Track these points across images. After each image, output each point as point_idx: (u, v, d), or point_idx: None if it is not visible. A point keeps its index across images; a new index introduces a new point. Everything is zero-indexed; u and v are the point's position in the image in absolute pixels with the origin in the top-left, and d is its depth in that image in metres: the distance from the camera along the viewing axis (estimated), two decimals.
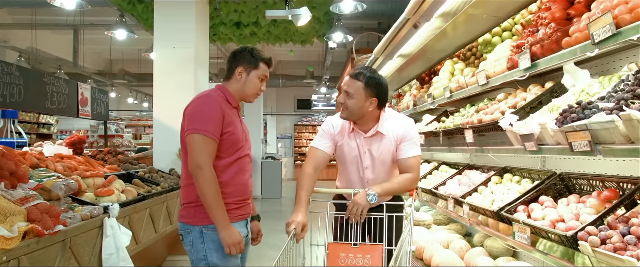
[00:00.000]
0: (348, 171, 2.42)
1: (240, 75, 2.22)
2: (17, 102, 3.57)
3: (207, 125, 2.05)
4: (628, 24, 1.50)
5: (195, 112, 2.10)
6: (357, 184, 2.39)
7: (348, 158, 2.38)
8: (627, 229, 1.55)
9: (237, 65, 2.22)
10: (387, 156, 2.33)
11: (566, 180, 2.32)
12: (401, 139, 2.31)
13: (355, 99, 2.24)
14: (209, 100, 2.13)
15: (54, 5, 4.74)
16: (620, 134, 1.50)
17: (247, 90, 2.24)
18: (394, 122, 2.33)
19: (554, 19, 2.03)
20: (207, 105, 2.11)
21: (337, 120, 2.41)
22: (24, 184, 2.26)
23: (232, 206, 2.15)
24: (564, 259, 2.02)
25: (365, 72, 2.28)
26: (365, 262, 2.13)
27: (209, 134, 2.05)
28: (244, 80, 2.23)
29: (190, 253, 2.14)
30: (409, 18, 3.05)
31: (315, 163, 2.33)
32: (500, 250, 3.06)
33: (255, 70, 2.23)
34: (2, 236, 1.76)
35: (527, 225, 2.03)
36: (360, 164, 2.36)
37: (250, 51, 2.24)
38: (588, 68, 2.32)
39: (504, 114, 2.37)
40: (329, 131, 2.40)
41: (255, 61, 2.22)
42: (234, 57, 2.26)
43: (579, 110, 1.70)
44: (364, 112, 2.27)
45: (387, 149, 2.32)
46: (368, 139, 2.33)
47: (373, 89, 2.25)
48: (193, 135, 2.05)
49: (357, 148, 2.35)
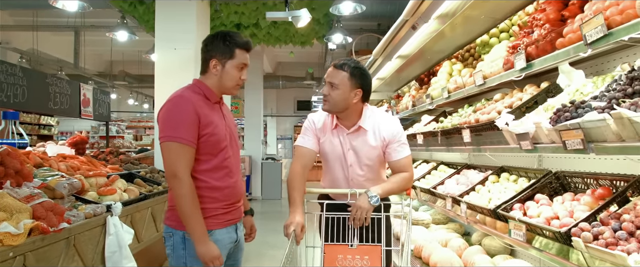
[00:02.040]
0: (332, 169, 2.34)
1: (215, 68, 2.02)
2: (20, 102, 3.62)
3: (180, 130, 1.89)
4: (619, 25, 1.54)
5: (167, 117, 1.93)
6: (342, 182, 2.32)
7: (331, 155, 2.31)
8: (618, 225, 1.59)
9: (211, 56, 2.02)
10: (371, 152, 2.26)
11: (561, 178, 2.36)
12: (389, 140, 2.24)
13: (340, 90, 2.15)
14: (180, 101, 1.94)
15: (56, 7, 4.79)
16: (612, 132, 1.53)
17: (225, 84, 2.05)
18: (378, 119, 2.27)
19: (548, 20, 2.07)
20: (179, 108, 1.93)
21: (318, 116, 2.34)
22: (28, 183, 2.30)
23: (219, 211, 2.03)
24: (559, 255, 2.05)
25: (349, 62, 2.19)
26: (363, 263, 2.10)
27: (183, 140, 1.88)
28: (220, 73, 2.02)
29: (170, 257, 2.00)
30: (407, 19, 3.09)
31: (303, 161, 2.26)
32: (497, 248, 3.10)
33: (231, 59, 2.01)
34: (9, 232, 1.80)
35: (522, 222, 2.07)
36: (343, 162, 2.29)
37: (223, 38, 2.01)
38: (583, 68, 2.36)
39: (500, 114, 2.40)
40: (311, 128, 2.32)
41: (229, 50, 2.00)
42: (205, 47, 2.05)
43: (572, 109, 1.74)
44: (348, 104, 2.19)
45: (370, 145, 2.25)
46: (351, 135, 2.26)
47: (358, 79, 2.17)
48: (166, 143, 1.90)
49: (340, 144, 2.28)
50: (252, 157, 11.14)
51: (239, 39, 2.03)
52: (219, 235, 2.02)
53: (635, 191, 1.84)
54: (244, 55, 2.05)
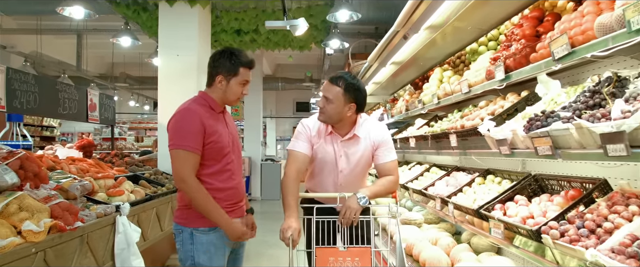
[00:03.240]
0: (322, 174, 2.43)
1: (220, 83, 2.23)
2: (33, 108, 3.80)
3: (187, 139, 2.10)
4: (581, 44, 1.72)
5: (176, 128, 2.14)
6: (330, 186, 2.40)
7: (323, 160, 2.39)
8: (581, 223, 1.77)
9: (217, 72, 2.22)
10: (362, 159, 2.39)
11: (539, 180, 2.53)
12: (378, 144, 2.37)
13: (334, 104, 2.25)
14: (188, 113, 2.16)
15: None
16: (575, 140, 1.71)
17: (228, 97, 2.26)
18: (369, 126, 2.41)
19: (524, 35, 2.25)
20: (187, 119, 2.14)
21: (312, 121, 2.42)
22: (45, 185, 2.48)
23: (224, 210, 2.21)
24: (536, 253, 2.23)
25: (345, 76, 2.28)
26: (354, 264, 2.14)
27: (189, 148, 2.10)
28: (224, 88, 2.23)
29: (180, 251, 2.23)
30: (398, 30, 3.27)
31: (297, 166, 2.32)
32: (484, 247, 3.27)
33: (235, 77, 2.22)
34: (31, 230, 1.98)
35: (501, 221, 2.25)
36: (334, 167, 2.39)
37: (229, 56, 2.21)
38: (560, 78, 2.53)
39: (483, 120, 2.58)
40: (305, 133, 2.39)
41: (234, 68, 2.21)
42: (212, 63, 2.24)
43: (543, 118, 1.92)
44: (342, 117, 2.29)
45: (362, 152, 2.37)
46: (345, 142, 2.37)
47: (352, 94, 2.26)
48: (175, 150, 2.12)
49: (333, 151, 2.37)
50: (252, 158, 11.30)
51: (243, 58, 2.23)
52: (223, 231, 2.23)
53: (601, 192, 2.02)
54: (247, 73, 2.26)
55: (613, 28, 1.52)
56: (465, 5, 2.54)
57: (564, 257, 1.97)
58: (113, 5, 5.87)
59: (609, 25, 1.55)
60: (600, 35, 1.60)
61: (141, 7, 5.89)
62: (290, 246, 2.06)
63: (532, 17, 2.34)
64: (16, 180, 2.21)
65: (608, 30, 1.55)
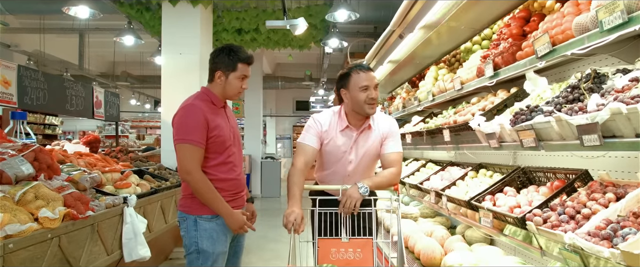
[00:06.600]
0: (332, 166, 2.49)
1: (219, 78, 2.34)
2: (42, 104, 3.93)
3: (192, 134, 2.22)
4: (561, 43, 1.85)
5: (181, 123, 2.26)
6: (339, 178, 2.46)
7: (333, 154, 2.45)
8: (562, 210, 1.90)
9: (216, 68, 2.34)
10: (371, 150, 2.47)
11: (528, 173, 2.66)
12: (387, 134, 2.46)
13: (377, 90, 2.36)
14: (191, 109, 2.27)
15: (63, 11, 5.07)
16: (555, 132, 1.85)
17: (228, 92, 2.38)
18: (378, 117, 2.51)
19: (512, 34, 2.38)
20: (191, 114, 2.25)
21: (323, 117, 2.49)
22: (57, 176, 2.60)
23: (225, 199, 2.32)
24: (525, 241, 2.36)
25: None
26: (356, 256, 2.17)
27: (194, 142, 2.22)
28: (224, 82, 2.35)
29: (184, 238, 2.34)
30: (394, 30, 3.40)
31: (305, 159, 2.37)
32: (478, 238, 3.40)
33: (233, 72, 2.33)
34: (47, 217, 2.11)
35: (490, 210, 2.38)
36: (345, 159, 2.45)
37: (228, 53, 2.32)
38: (547, 76, 2.66)
39: (474, 116, 2.71)
40: (315, 128, 2.45)
41: (232, 64, 2.32)
42: (212, 60, 2.37)
43: (527, 112, 2.05)
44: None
45: (372, 143, 2.46)
46: (359, 134, 2.43)
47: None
48: (180, 144, 2.23)
49: (345, 144, 2.43)
50: (252, 156, 11.41)
51: (241, 54, 2.35)
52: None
53: (582, 182, 2.15)
54: (246, 68, 2.37)
55: (588, 28, 1.65)
56: (458, 5, 2.66)
57: (548, 244, 2.10)
58: (117, 5, 5.99)
59: (585, 25, 1.68)
60: (577, 35, 1.73)
61: (144, 7, 6.02)
62: (292, 233, 2.09)
63: (520, 17, 2.47)
64: (32, 171, 2.34)
65: (584, 30, 1.68)
